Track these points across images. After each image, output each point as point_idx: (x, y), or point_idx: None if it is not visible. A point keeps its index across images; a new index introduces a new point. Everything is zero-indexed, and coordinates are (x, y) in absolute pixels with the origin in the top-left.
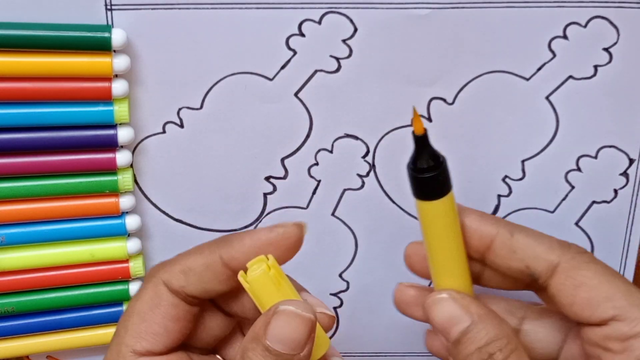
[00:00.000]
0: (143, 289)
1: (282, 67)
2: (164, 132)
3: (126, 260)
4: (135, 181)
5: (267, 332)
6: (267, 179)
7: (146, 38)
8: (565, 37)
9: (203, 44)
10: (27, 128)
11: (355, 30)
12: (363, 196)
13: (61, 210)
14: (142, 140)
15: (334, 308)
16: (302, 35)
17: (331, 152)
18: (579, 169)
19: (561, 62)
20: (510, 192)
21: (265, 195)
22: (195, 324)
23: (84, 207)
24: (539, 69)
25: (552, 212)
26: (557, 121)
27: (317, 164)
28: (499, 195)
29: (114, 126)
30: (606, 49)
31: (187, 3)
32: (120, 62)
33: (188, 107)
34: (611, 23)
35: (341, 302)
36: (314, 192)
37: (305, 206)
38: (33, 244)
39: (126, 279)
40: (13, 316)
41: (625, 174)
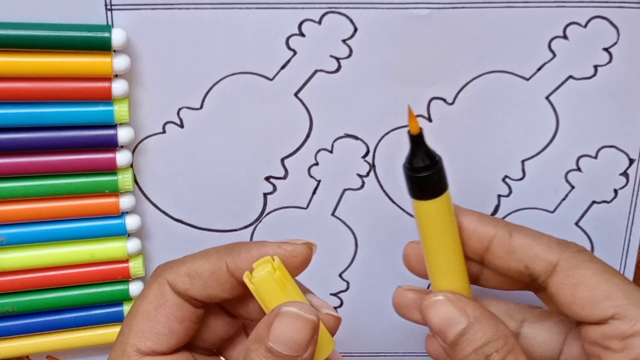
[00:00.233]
0: (148, 288)
1: (282, 67)
2: (164, 132)
3: (126, 260)
4: (135, 181)
5: (269, 333)
6: (267, 179)
7: (146, 38)
8: (565, 37)
9: (203, 44)
10: (27, 128)
11: (355, 30)
12: (363, 196)
13: (61, 210)
14: (142, 140)
15: (334, 308)
16: (302, 35)
17: (331, 152)
18: (579, 169)
19: (561, 62)
20: (510, 192)
21: (265, 195)
22: (199, 325)
23: (84, 207)
24: (539, 69)
25: (552, 212)
26: (557, 121)
27: (317, 164)
28: (499, 195)
29: (114, 126)
30: (606, 49)
31: (187, 3)
32: (120, 62)
33: (188, 107)
34: (611, 23)
35: (341, 302)
36: (314, 192)
37: (305, 206)
38: (33, 244)
39: (126, 279)
40: (13, 316)
41: (625, 174)
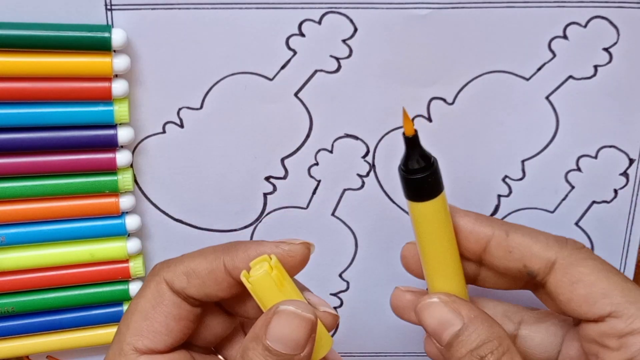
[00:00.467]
0: (145, 286)
1: (282, 67)
2: (164, 132)
3: (126, 260)
4: (135, 181)
5: (267, 332)
6: (267, 179)
7: (146, 38)
8: (565, 37)
9: (203, 44)
10: (27, 128)
11: (355, 30)
12: (363, 196)
13: (61, 210)
14: (142, 140)
15: (334, 308)
16: (302, 35)
17: (331, 152)
18: (579, 169)
19: (561, 62)
20: (510, 192)
21: (265, 195)
22: (197, 324)
23: (84, 207)
24: (539, 69)
25: (552, 212)
26: (557, 121)
27: (317, 164)
28: (499, 195)
29: (114, 126)
30: (606, 49)
31: (187, 3)
32: (120, 62)
33: (188, 107)
34: (611, 23)
35: (341, 302)
36: (314, 192)
37: (305, 206)
38: (33, 244)
39: (126, 279)
40: (13, 316)
41: (625, 174)
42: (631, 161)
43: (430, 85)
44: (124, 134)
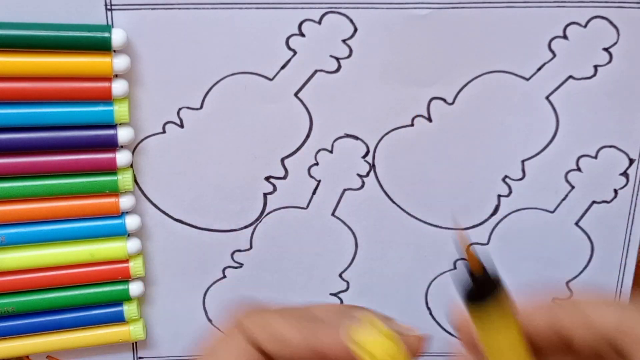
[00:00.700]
0: (225, 344)
1: (282, 67)
2: (164, 132)
3: (126, 260)
4: (135, 181)
5: None
6: (267, 179)
7: (146, 38)
8: (565, 37)
9: (203, 44)
10: (27, 128)
11: (355, 30)
12: (363, 196)
13: (61, 210)
14: (142, 140)
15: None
16: (302, 35)
17: (331, 152)
18: (579, 169)
19: (561, 62)
20: (510, 192)
21: (265, 195)
22: None
23: (84, 207)
24: (539, 69)
25: (552, 212)
26: (557, 121)
27: (317, 164)
28: (499, 195)
29: (114, 126)
30: (606, 49)
31: (187, 3)
32: (120, 62)
33: (188, 107)
34: (611, 23)
35: (341, 302)
36: (314, 192)
37: (305, 206)
38: (33, 244)
39: (126, 279)
40: (13, 316)
41: (625, 174)
42: (631, 161)
43: (430, 85)
44: (124, 134)
